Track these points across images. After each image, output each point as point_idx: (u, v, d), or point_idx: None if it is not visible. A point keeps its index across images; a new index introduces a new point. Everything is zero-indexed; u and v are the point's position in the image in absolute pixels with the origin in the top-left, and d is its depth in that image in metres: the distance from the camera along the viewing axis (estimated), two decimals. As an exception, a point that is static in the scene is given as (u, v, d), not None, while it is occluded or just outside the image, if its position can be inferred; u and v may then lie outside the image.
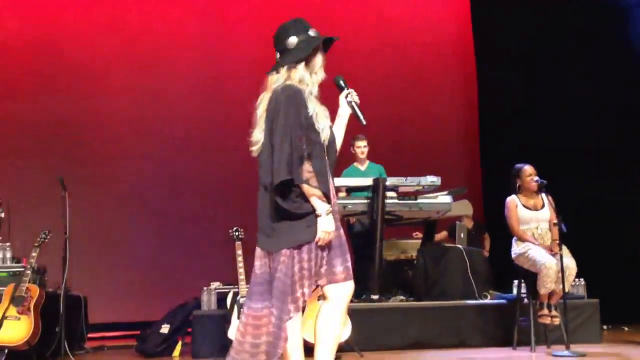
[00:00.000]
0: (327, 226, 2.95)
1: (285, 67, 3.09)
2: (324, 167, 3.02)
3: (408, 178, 6.34)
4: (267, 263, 3.04)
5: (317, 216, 2.95)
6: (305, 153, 2.97)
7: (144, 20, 8.98)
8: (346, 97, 3.22)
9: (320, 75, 3.13)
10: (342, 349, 5.02)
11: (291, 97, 3.01)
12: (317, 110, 3.04)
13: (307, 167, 2.96)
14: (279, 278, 2.96)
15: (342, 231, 3.10)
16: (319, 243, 2.95)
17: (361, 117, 3.21)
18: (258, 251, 3.08)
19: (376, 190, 6.10)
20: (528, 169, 5.64)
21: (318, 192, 2.96)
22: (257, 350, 2.98)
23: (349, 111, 3.23)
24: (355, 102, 3.21)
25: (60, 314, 5.02)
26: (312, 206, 2.96)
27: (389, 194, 6.25)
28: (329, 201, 2.98)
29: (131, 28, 8.91)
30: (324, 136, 3.04)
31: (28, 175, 8.12)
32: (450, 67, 9.76)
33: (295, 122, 2.98)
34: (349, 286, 3.05)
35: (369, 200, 6.17)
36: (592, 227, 7.56)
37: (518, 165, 5.73)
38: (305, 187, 2.95)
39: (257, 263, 3.08)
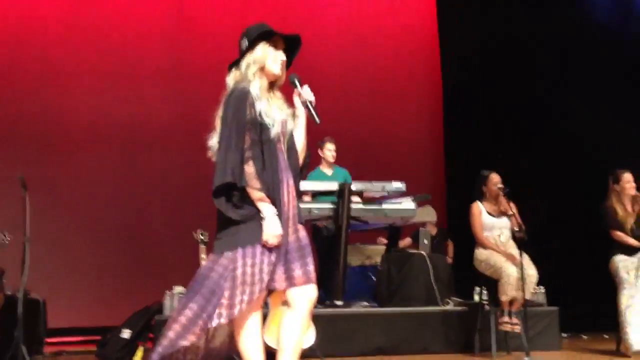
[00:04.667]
0: (272, 229, 2.91)
1: (234, 69, 3.12)
2: (270, 167, 2.98)
3: (373, 182, 6.36)
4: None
5: (261, 219, 2.92)
6: (245, 154, 2.94)
7: (114, 16, 8.86)
8: (299, 95, 3.17)
9: (272, 68, 3.10)
10: (306, 354, 5.01)
11: (231, 100, 3.01)
12: (263, 108, 3.01)
13: (247, 169, 2.93)
14: (212, 278, 2.92)
15: (302, 234, 3.06)
16: (267, 245, 2.91)
17: (315, 115, 3.13)
18: (211, 255, 3.06)
19: (342, 195, 6.11)
20: (494, 176, 5.72)
21: (259, 195, 2.93)
22: (165, 341, 2.93)
23: (304, 110, 3.17)
24: (309, 101, 3.15)
25: (18, 317, 4.91)
26: (256, 209, 2.93)
27: (354, 199, 6.27)
28: (274, 202, 2.95)
29: (100, 24, 8.77)
30: (275, 132, 3.01)
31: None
32: (417, 73, 9.84)
33: (235, 124, 2.96)
34: (310, 290, 3.00)
35: (334, 205, 6.17)
36: (553, 236, 7.68)
37: (484, 172, 5.80)
38: (248, 189, 2.93)
39: (203, 263, 3.06)
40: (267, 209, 2.93)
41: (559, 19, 8.64)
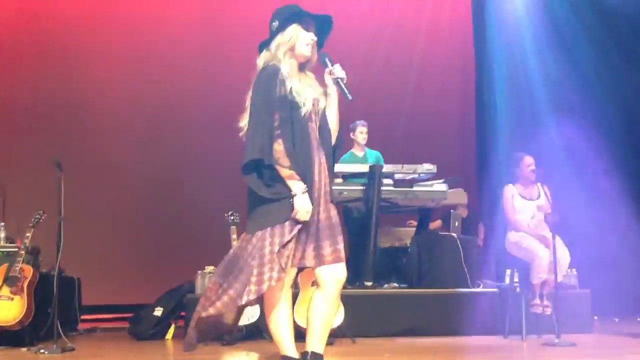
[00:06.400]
0: (302, 204, 2.92)
1: (264, 50, 3.12)
2: (301, 145, 2.98)
3: (405, 165, 6.33)
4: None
5: (292, 196, 2.93)
6: (274, 133, 2.95)
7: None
8: (330, 73, 3.14)
9: (302, 50, 3.09)
10: (335, 334, 5.04)
11: (262, 78, 3.02)
12: (294, 86, 3.01)
13: (277, 147, 2.94)
14: (242, 257, 2.95)
15: (333, 213, 3.06)
16: (297, 220, 2.92)
17: (347, 92, 3.10)
18: (244, 234, 3.08)
19: (372, 177, 6.10)
20: (528, 158, 5.66)
21: (288, 172, 2.94)
22: (202, 323, 3.01)
23: (335, 89, 3.15)
24: (340, 78, 3.12)
25: (53, 295, 5.01)
26: (287, 188, 2.94)
27: (385, 181, 6.25)
28: (305, 180, 2.96)
29: (131, 6, 8.83)
30: (306, 110, 3.01)
31: (23, 154, 8.08)
32: (449, 56, 9.72)
33: (264, 102, 2.96)
34: (339, 269, 2.99)
35: (365, 187, 6.16)
36: (587, 219, 7.58)
37: (518, 154, 5.74)
38: (277, 167, 2.93)
39: (234, 244, 3.10)
40: (296, 186, 2.94)
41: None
